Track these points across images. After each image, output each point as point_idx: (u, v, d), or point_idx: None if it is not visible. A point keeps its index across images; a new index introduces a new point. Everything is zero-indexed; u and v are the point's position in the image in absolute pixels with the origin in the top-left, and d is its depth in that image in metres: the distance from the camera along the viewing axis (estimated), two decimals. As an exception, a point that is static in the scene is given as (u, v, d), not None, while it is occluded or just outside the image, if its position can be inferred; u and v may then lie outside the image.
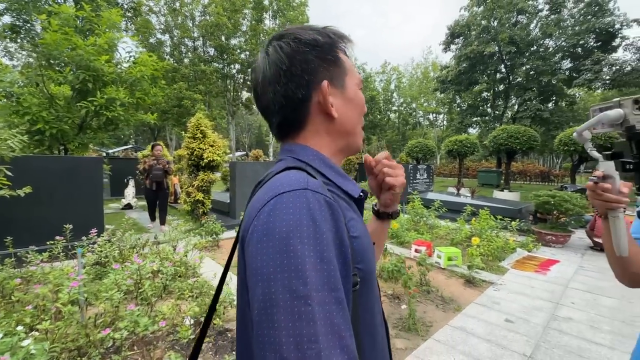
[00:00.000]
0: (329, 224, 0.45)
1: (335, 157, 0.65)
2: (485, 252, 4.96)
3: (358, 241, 0.52)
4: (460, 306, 3.52)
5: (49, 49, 5.06)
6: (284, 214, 0.44)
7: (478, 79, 23.51)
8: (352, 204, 0.60)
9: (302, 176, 0.50)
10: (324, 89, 0.58)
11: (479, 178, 18.36)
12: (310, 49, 0.59)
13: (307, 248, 0.42)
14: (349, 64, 0.64)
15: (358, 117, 0.65)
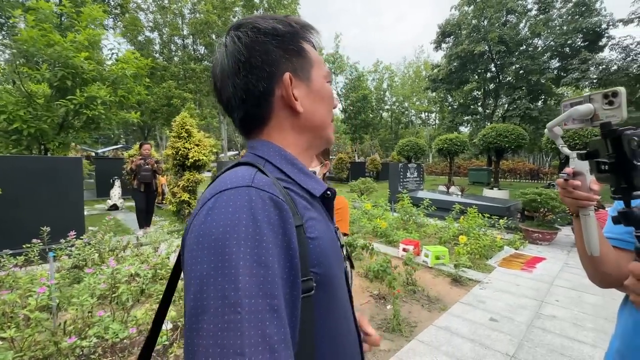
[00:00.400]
0: (272, 224, 0.42)
1: (304, 153, 0.62)
2: (473, 251, 4.96)
3: (315, 243, 0.49)
4: (446, 305, 3.49)
5: (26, 46, 4.89)
6: (222, 213, 0.41)
7: (469, 77, 23.67)
8: (315, 203, 0.56)
9: (248, 172, 0.47)
10: (286, 82, 0.55)
11: (469, 176, 18.52)
12: (271, 38, 0.56)
13: (244, 251, 0.39)
14: (315, 56, 0.61)
15: (326, 110, 0.62)
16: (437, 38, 24.07)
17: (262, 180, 0.46)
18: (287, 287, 0.42)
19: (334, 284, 0.53)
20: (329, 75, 0.65)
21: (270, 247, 0.41)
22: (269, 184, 0.46)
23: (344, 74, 33.81)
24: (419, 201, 7.96)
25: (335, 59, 33.68)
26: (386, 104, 42.09)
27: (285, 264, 0.42)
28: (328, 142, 0.66)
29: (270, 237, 0.41)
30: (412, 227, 6.44)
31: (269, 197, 0.44)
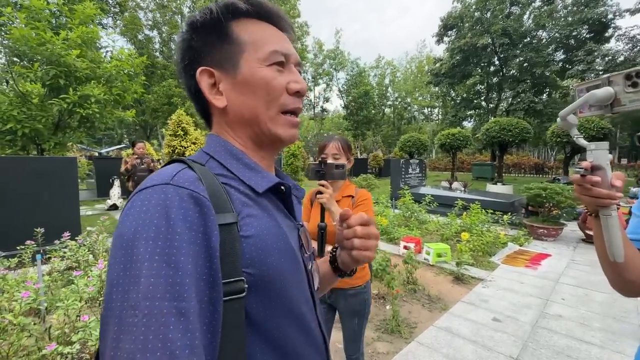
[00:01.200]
0: (190, 222, 0.40)
1: (252, 150, 0.57)
2: (475, 248, 4.84)
3: (251, 241, 0.46)
4: (447, 305, 3.39)
5: (18, 44, 4.82)
6: (136, 212, 0.40)
7: (472, 71, 23.36)
8: (261, 199, 0.53)
9: (172, 169, 0.46)
10: (197, 77, 0.53)
11: (473, 171, 18.30)
12: (191, 33, 0.54)
13: (151, 251, 0.37)
14: (250, 37, 0.53)
15: (260, 100, 0.53)
16: (439, 31, 23.77)
17: (183, 177, 0.44)
18: (207, 288, 0.40)
19: (279, 286, 0.49)
20: (277, 54, 0.53)
21: (183, 247, 0.39)
22: (190, 181, 0.44)
23: (345, 70, 33.60)
24: (421, 197, 7.83)
25: (336, 55, 33.49)
26: (388, 99, 41.82)
27: (204, 264, 0.40)
28: (274, 138, 0.56)
29: (184, 236, 0.39)
30: (414, 224, 6.32)
31: (188, 194, 0.42)
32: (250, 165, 0.54)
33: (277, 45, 0.54)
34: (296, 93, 0.55)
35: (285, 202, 0.58)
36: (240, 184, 0.52)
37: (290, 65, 0.56)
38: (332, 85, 35.78)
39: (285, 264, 0.50)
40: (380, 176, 19.65)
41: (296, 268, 0.53)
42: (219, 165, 0.53)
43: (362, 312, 1.74)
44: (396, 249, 5.18)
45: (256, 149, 0.57)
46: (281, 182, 0.56)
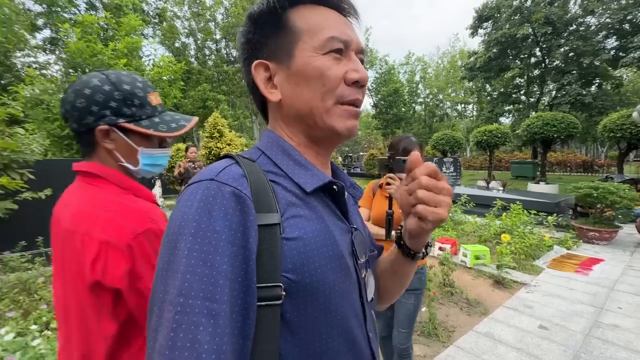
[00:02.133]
0: (230, 220, 0.39)
1: (307, 147, 0.54)
2: (517, 250, 4.57)
3: (294, 244, 0.44)
4: (488, 310, 3.24)
5: (73, 57, 5.28)
6: (182, 207, 0.40)
7: (510, 64, 22.06)
8: (310, 198, 0.49)
9: (220, 165, 0.46)
10: (253, 71, 0.52)
11: (512, 170, 17.31)
12: (252, 24, 0.52)
13: (190, 247, 0.37)
14: (306, 24, 0.50)
15: (314, 93, 0.49)
16: (474, 23, 22.70)
17: (229, 174, 0.43)
18: (241, 291, 0.38)
19: (323, 294, 0.45)
20: (330, 42, 0.49)
21: (220, 246, 0.38)
22: (235, 178, 0.43)
23: (374, 68, 33.16)
24: (456, 197, 7.54)
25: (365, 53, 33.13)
26: (419, 96, 40.66)
27: (240, 265, 0.39)
28: (331, 132, 0.51)
29: (223, 235, 0.39)
30: (449, 225, 6.10)
31: (231, 191, 0.41)
32: (301, 162, 0.52)
33: (335, 31, 0.49)
34: (355, 83, 0.50)
35: (338, 202, 0.54)
36: (289, 181, 0.49)
37: (350, 52, 0.51)
38: (360, 84, 35.44)
39: (331, 272, 0.46)
40: (411, 175, 19.14)
41: (344, 276, 0.48)
42: (270, 162, 0.51)
43: (419, 291, 1.78)
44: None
45: (310, 145, 0.54)
46: (333, 180, 0.52)
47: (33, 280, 3.10)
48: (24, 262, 3.50)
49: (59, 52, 15.11)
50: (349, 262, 0.51)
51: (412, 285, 1.74)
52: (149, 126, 0.76)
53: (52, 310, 2.58)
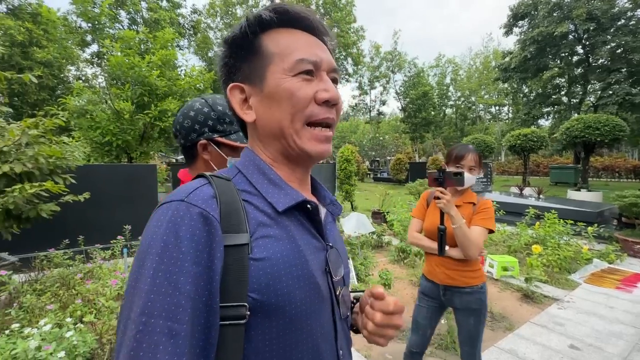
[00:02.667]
0: (196, 241, 0.41)
1: (282, 164, 0.56)
2: (550, 263, 4.29)
3: (260, 264, 0.45)
4: (513, 325, 3.06)
5: (114, 70, 5.73)
6: (152, 227, 0.42)
7: (548, 63, 20.75)
8: (282, 218, 0.50)
9: (192, 185, 0.47)
10: (227, 93, 0.55)
11: (551, 176, 16.24)
12: (228, 48, 0.55)
13: (156, 267, 0.39)
14: (277, 47, 0.52)
15: (284, 114, 0.51)
16: (508, 22, 21.70)
17: (198, 195, 0.45)
18: (204, 311, 0.40)
19: (290, 314, 0.46)
20: (299, 64, 0.50)
21: (186, 266, 0.39)
22: (204, 199, 0.45)
23: (403, 71, 32.64)
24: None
25: (393, 57, 32.75)
26: (450, 99, 39.41)
27: (205, 286, 0.40)
28: (301, 152, 0.52)
29: (189, 256, 0.40)
30: (476, 233, 5.83)
31: (199, 212, 0.43)
32: (275, 181, 0.52)
33: (304, 53, 0.51)
34: (325, 102, 0.51)
35: (313, 220, 0.55)
36: (262, 201, 0.50)
37: (321, 73, 0.52)
38: (389, 87, 35.04)
39: (299, 291, 0.47)
40: (440, 181, 18.56)
41: (314, 296, 0.49)
42: (245, 181, 0.52)
43: (478, 312, 1.72)
44: (455, 259, 4.86)
45: (286, 162, 0.56)
46: (307, 200, 0.52)
47: (72, 276, 3.37)
48: (66, 259, 3.81)
49: (104, 65, 16.41)
50: (321, 281, 0.51)
51: (470, 305, 1.71)
52: (236, 139, 0.92)
53: (87, 305, 2.81)
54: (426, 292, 1.85)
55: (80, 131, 6.14)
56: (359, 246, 4.75)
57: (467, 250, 1.58)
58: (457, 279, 1.70)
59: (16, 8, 14.67)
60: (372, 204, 10.26)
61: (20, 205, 2.93)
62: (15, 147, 3.09)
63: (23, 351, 1.95)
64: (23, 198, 2.88)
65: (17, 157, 3.04)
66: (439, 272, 1.75)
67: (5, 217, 3.04)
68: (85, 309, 2.74)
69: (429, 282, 1.82)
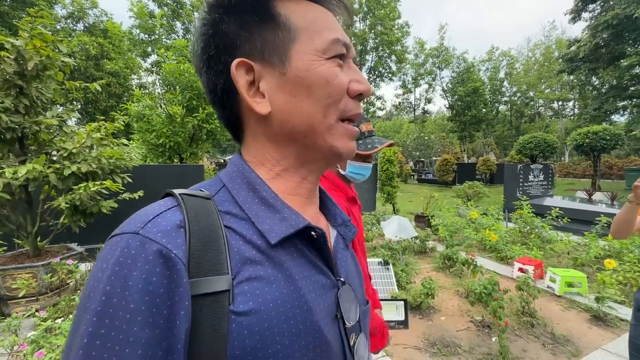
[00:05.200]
0: (150, 293, 0.30)
1: (293, 172, 0.44)
2: (627, 280, 3.70)
3: (245, 320, 0.33)
4: (580, 350, 2.67)
5: (167, 77, 6.17)
6: (94, 269, 0.32)
7: (626, 50, 18.22)
8: (275, 251, 0.39)
9: (153, 210, 0.36)
10: (233, 72, 0.39)
11: (627, 179, 14.25)
12: (222, 12, 0.40)
13: (93, 331, 0.28)
14: (303, 20, 0.40)
15: (318, 105, 0.40)
16: (576, 6, 19.48)
17: (160, 225, 0.34)
18: None
19: None
20: (335, 44, 0.41)
21: (134, 331, 0.29)
22: (166, 230, 0.33)
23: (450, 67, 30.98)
24: (544, 210, 6.49)
25: (440, 52, 31.24)
26: (504, 95, 36.51)
27: (162, 358, 0.29)
28: (330, 153, 0.43)
29: (139, 315, 0.29)
30: (534, 243, 5.27)
31: (157, 251, 0.31)
32: (268, 201, 0.41)
33: (338, 32, 0.41)
34: (358, 95, 0.43)
35: (320, 250, 0.43)
36: (251, 227, 0.39)
37: (349, 60, 0.44)
38: (434, 85, 33.47)
39: (299, 352, 0.36)
40: (492, 183, 17.28)
41: (320, 355, 0.38)
42: (230, 199, 0.41)
43: None
44: (508, 270, 4.42)
45: (298, 168, 0.45)
46: (311, 226, 0.41)
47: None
48: (124, 251, 4.17)
49: (160, 72, 17.89)
50: (329, 334, 0.40)
51: None
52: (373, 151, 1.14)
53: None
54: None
55: (139, 134, 6.71)
56: (400, 251, 4.54)
57: None
58: None
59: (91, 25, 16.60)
60: (415, 207, 9.84)
61: (85, 201, 3.25)
62: (83, 149, 3.44)
63: (81, 336, 2.13)
64: (87, 195, 3.19)
65: (84, 158, 3.38)
66: None
67: (74, 212, 3.39)
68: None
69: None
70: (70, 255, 3.43)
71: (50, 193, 3.39)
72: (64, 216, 3.40)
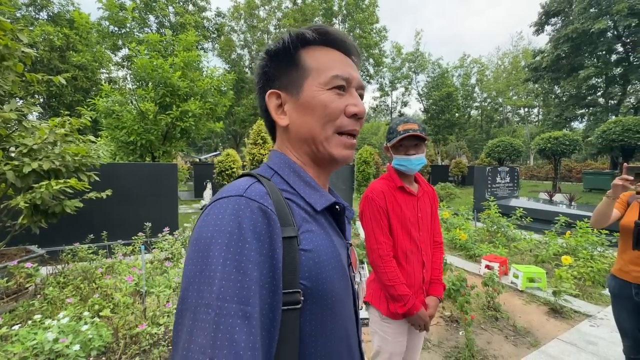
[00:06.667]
0: (258, 232, 0.44)
1: (310, 167, 0.62)
2: (582, 275, 3.99)
3: (309, 255, 0.50)
4: (538, 341, 2.86)
5: (139, 72, 5.94)
6: (213, 219, 0.44)
7: (584, 62, 19.64)
8: (318, 216, 0.57)
9: (244, 182, 0.50)
10: (266, 98, 0.60)
11: (584, 182, 15.29)
12: (269, 58, 0.60)
13: (225, 256, 0.41)
14: (315, 62, 0.58)
15: (317, 121, 0.57)
16: (540, 20, 20.75)
17: (254, 191, 0.48)
18: (268, 296, 0.43)
19: (330, 300, 0.52)
20: (334, 79, 0.57)
21: (251, 255, 0.42)
22: (260, 195, 0.48)
23: (426, 72, 31.92)
24: (510, 210, 6.86)
25: (415, 57, 32.10)
26: (475, 100, 38.09)
27: (268, 273, 0.43)
28: (327, 157, 0.59)
29: (253, 245, 0.43)
30: (500, 241, 5.56)
31: (258, 206, 0.46)
32: (311, 184, 0.59)
33: (339, 70, 0.58)
34: (353, 115, 0.58)
35: (338, 220, 0.62)
36: (301, 200, 0.56)
37: (351, 89, 0.60)
38: (411, 89, 34.35)
39: (337, 280, 0.53)
40: (463, 185, 18.00)
41: (346, 286, 0.57)
42: (283, 181, 0.57)
43: None
44: (476, 267, 4.63)
45: (313, 166, 0.62)
46: (337, 201, 0.60)
47: (94, 270, 3.50)
48: (90, 253, 3.96)
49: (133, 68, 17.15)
50: (348, 273, 0.59)
51: None
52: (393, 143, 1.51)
53: (105, 299, 2.89)
54: (616, 293, 1.83)
55: (108, 131, 6.40)
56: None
57: None
58: None
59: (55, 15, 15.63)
60: (391, 207, 10.05)
61: (47, 200, 3.06)
62: (45, 145, 3.24)
63: (40, 343, 2.01)
64: (49, 194, 3.01)
65: (46, 154, 3.18)
66: (632, 270, 1.75)
67: (34, 212, 3.19)
68: (104, 303, 2.81)
69: (619, 280, 1.81)
70: (29, 258, 3.23)
71: (7, 192, 3.18)
72: (23, 216, 3.19)
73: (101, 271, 3.43)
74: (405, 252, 1.50)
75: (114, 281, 2.99)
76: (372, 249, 1.49)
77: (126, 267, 3.34)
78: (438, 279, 1.60)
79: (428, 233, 1.60)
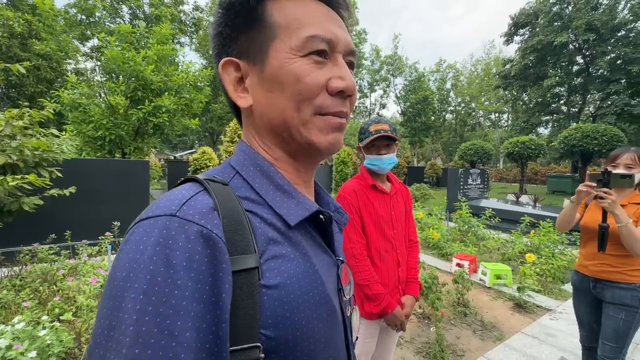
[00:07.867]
0: (195, 270, 0.31)
1: (284, 162, 0.46)
2: (544, 272, 4.24)
3: (274, 293, 0.36)
4: (503, 335, 3.00)
5: (109, 64, 5.66)
6: (132, 251, 0.32)
7: (548, 72, 20.87)
8: (293, 232, 0.42)
9: (183, 195, 0.36)
10: (220, 70, 0.44)
11: (548, 184, 16.26)
12: (222, 15, 0.43)
13: (141, 309, 0.29)
14: (284, 19, 0.41)
15: (288, 101, 0.41)
16: (509, 30, 21.83)
17: (194, 207, 0.35)
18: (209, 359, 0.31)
19: (307, 350, 0.38)
20: (310, 41, 0.40)
21: (183, 305, 0.30)
22: (203, 212, 0.35)
23: (403, 75, 32.70)
24: (480, 211, 7.16)
25: (393, 61, 32.80)
26: (450, 104, 39.51)
27: (209, 329, 0.31)
28: (310, 146, 0.43)
29: (186, 291, 0.30)
30: (470, 240, 5.79)
31: (197, 231, 0.33)
32: (284, 188, 0.43)
33: (318, 28, 0.41)
34: (339, 93, 0.42)
35: (324, 232, 0.48)
36: (269, 211, 0.41)
37: (336, 55, 0.43)
38: (389, 91, 35.12)
39: (317, 320, 0.40)
40: (438, 186, 18.57)
41: (331, 323, 0.43)
42: (246, 185, 0.43)
43: (633, 310, 1.68)
44: (447, 265, 4.80)
45: (289, 160, 0.46)
46: (321, 210, 0.44)
47: (54, 272, 3.29)
48: (51, 254, 3.72)
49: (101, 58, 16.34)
50: (335, 304, 0.45)
51: (624, 300, 1.69)
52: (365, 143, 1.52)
53: (66, 302, 2.73)
54: (577, 286, 1.93)
55: (74, 125, 6.05)
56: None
57: (633, 249, 1.60)
58: (611, 273, 1.73)
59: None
60: (368, 207, 10.20)
61: (2, 198, 2.85)
62: (0, 138, 3.01)
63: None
64: (5, 191, 2.80)
65: (2, 148, 2.96)
66: (590, 264, 1.82)
67: (-13, 210, 2.96)
68: (65, 306, 2.65)
69: (579, 274, 1.91)
70: (-19, 260, 2.98)
71: (-44, 188, 2.92)
72: (-26, 214, 2.95)
73: (63, 273, 3.24)
74: (379, 251, 1.50)
75: (77, 283, 2.83)
76: (345, 249, 1.50)
77: (91, 268, 3.17)
78: (414, 277, 1.62)
79: (402, 231, 1.62)
